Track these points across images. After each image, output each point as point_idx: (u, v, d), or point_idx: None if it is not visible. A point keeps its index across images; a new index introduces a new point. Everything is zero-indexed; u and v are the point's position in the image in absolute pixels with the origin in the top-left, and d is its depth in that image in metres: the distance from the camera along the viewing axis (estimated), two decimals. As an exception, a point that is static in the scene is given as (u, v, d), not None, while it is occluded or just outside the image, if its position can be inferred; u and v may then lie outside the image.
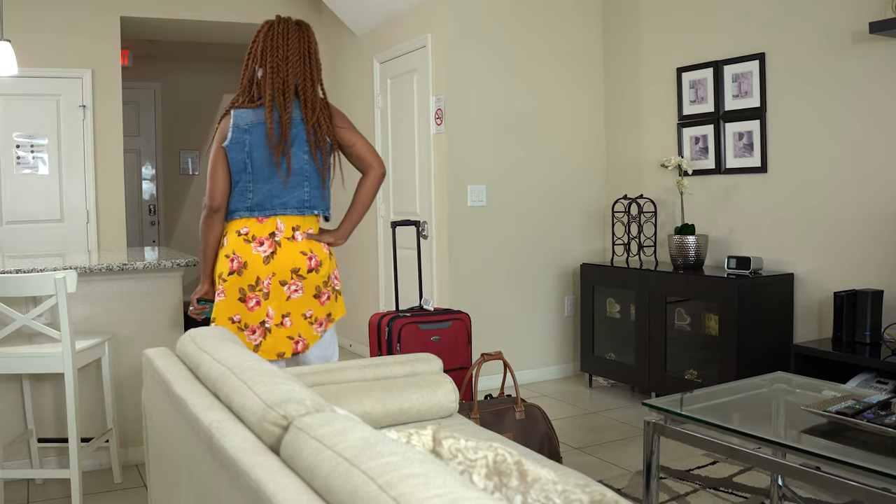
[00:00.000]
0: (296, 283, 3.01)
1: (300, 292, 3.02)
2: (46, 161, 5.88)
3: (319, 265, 3.05)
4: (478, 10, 5.06)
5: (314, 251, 3.05)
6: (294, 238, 3.02)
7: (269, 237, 3.00)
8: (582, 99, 5.46)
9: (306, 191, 3.02)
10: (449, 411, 2.70)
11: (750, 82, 4.44)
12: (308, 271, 3.02)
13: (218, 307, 3.02)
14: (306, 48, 3.04)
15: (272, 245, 3.00)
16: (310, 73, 3.03)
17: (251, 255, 2.98)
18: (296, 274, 3.01)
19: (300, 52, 3.02)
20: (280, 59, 2.98)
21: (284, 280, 3.00)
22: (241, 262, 2.98)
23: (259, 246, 2.99)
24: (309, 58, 3.04)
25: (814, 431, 2.33)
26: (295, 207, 3.02)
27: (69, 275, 3.04)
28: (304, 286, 3.02)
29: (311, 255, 3.03)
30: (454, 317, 4.01)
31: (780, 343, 4.15)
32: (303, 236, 3.04)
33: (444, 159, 5.03)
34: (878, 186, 3.83)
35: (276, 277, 2.99)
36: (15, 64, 4.60)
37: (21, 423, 3.54)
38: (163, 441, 2.10)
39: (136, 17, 6.15)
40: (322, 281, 3.06)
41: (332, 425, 1.34)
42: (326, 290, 3.08)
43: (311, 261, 3.03)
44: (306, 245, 3.03)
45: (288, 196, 3.00)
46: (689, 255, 4.50)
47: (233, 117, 3.02)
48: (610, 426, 4.26)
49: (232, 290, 2.99)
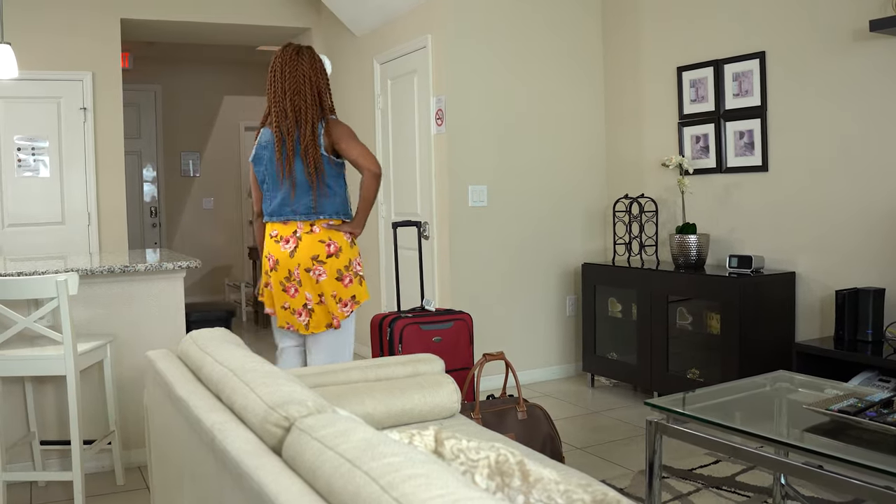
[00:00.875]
0: (318, 267, 3.44)
1: (324, 275, 3.44)
2: (47, 163, 5.89)
3: (339, 251, 3.47)
4: (477, 11, 5.06)
5: (333, 239, 3.47)
6: (313, 231, 3.46)
7: (293, 235, 3.47)
8: (582, 98, 5.46)
9: (311, 198, 3.46)
10: (451, 412, 2.70)
11: (750, 81, 4.43)
12: (328, 256, 3.45)
13: (274, 298, 3.56)
14: (304, 77, 3.44)
15: (294, 241, 3.46)
16: (303, 102, 3.42)
17: (280, 252, 3.48)
18: (316, 260, 3.44)
19: (295, 81, 3.43)
20: (280, 91, 3.43)
21: (308, 267, 3.44)
22: (275, 259, 3.50)
23: (285, 244, 3.47)
24: (304, 86, 3.43)
25: (816, 430, 2.33)
26: (304, 213, 3.46)
27: (71, 277, 3.04)
28: (326, 270, 3.44)
29: (330, 243, 3.46)
30: (456, 317, 4.01)
31: (782, 342, 4.15)
32: (321, 228, 3.46)
33: (444, 160, 5.03)
34: (879, 184, 3.83)
35: (302, 266, 3.44)
36: (15, 67, 4.60)
37: (23, 426, 3.54)
38: (165, 443, 2.10)
39: (137, 20, 6.16)
40: (343, 265, 3.48)
41: (333, 426, 1.34)
42: (348, 274, 3.49)
43: (330, 247, 3.46)
44: (325, 234, 3.47)
45: (297, 203, 3.46)
46: (691, 255, 4.50)
47: (260, 134, 3.57)
48: (612, 426, 4.26)
49: (276, 284, 3.52)
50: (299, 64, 3.46)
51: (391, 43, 5.67)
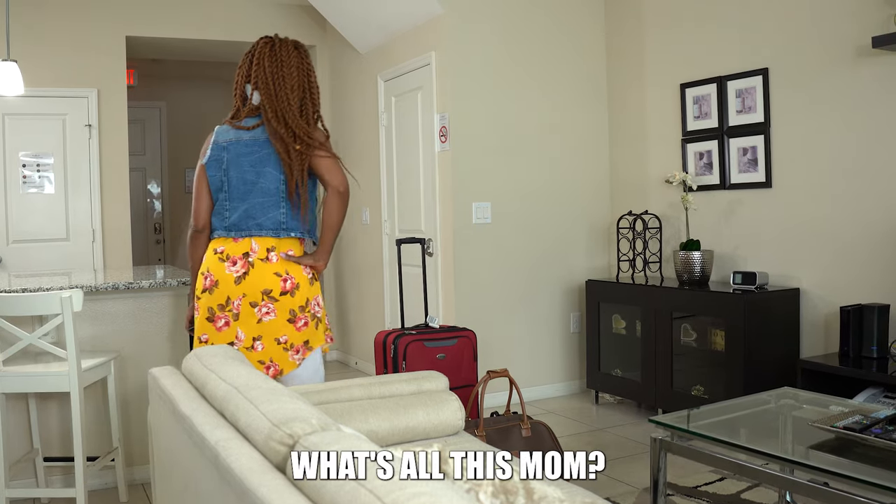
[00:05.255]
0: (267, 304, 2.89)
1: (272, 315, 2.90)
2: (52, 180, 5.91)
3: (296, 287, 2.93)
4: (481, 29, 5.08)
5: (291, 273, 2.93)
6: (268, 259, 2.92)
7: (243, 257, 2.92)
8: (586, 115, 5.48)
9: (283, 212, 2.93)
10: (455, 429, 2.69)
11: (754, 97, 4.44)
12: (281, 294, 2.91)
13: (196, 325, 2.99)
14: (304, 73, 2.99)
15: (245, 265, 2.91)
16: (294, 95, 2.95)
17: (223, 273, 2.91)
18: (267, 295, 2.90)
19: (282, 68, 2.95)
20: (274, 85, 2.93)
21: (255, 301, 2.89)
22: (214, 280, 2.93)
23: (232, 265, 2.92)
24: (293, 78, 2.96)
25: (821, 447, 2.32)
26: (270, 229, 2.93)
27: (75, 294, 3.04)
28: (276, 308, 2.90)
29: (287, 277, 2.92)
30: (460, 334, 4.01)
31: (787, 358, 4.14)
32: (279, 257, 2.93)
33: (448, 176, 5.04)
34: (884, 200, 3.83)
35: (247, 298, 2.89)
36: (21, 84, 4.63)
37: (27, 442, 3.54)
38: (169, 460, 2.10)
39: (142, 37, 6.20)
40: (298, 305, 2.93)
41: (338, 444, 1.34)
42: (304, 316, 2.94)
43: (287, 283, 2.91)
44: (282, 266, 2.92)
45: (263, 217, 2.92)
46: (695, 271, 4.50)
47: (214, 133, 3.01)
48: (616, 443, 4.24)
49: (203, 308, 2.95)
50: (288, 55, 2.98)
51: (395, 60, 5.70)
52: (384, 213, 5.97)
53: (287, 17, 6.65)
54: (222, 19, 6.39)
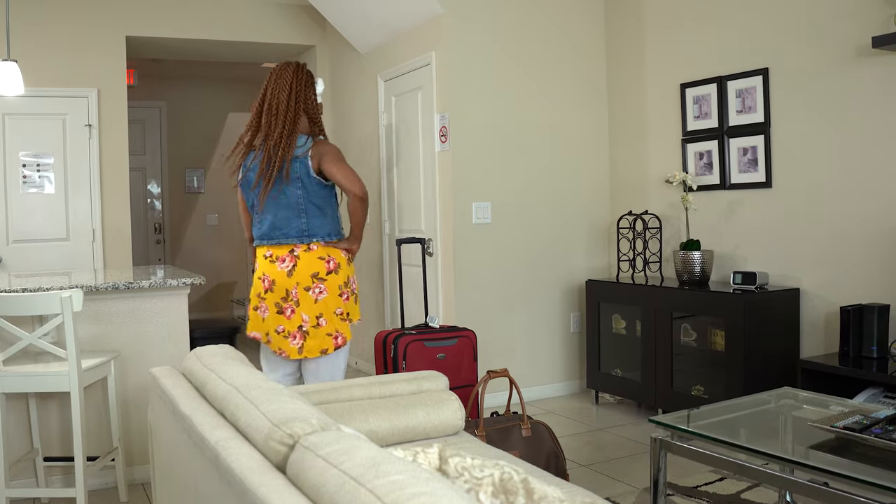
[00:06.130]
0: (318, 285, 3.37)
1: (325, 293, 3.38)
2: (52, 180, 5.91)
3: (338, 267, 3.43)
4: (481, 28, 5.08)
5: (332, 255, 3.42)
6: (311, 249, 3.40)
7: (289, 254, 3.40)
8: (586, 115, 5.48)
9: (303, 221, 3.40)
10: (455, 429, 2.69)
11: (754, 97, 4.45)
12: (328, 273, 3.39)
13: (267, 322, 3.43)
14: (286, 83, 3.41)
15: (292, 259, 3.39)
16: (281, 105, 3.38)
17: (276, 272, 3.39)
18: (316, 278, 3.37)
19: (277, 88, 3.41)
20: (273, 113, 3.39)
21: (308, 286, 3.36)
22: (271, 280, 3.40)
23: (281, 263, 3.39)
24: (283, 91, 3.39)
25: (821, 447, 2.32)
26: (295, 237, 3.40)
27: (75, 294, 3.04)
28: (327, 287, 3.38)
29: (329, 259, 3.41)
30: (460, 334, 4.01)
31: (787, 358, 4.14)
32: (318, 245, 3.41)
33: (448, 176, 5.04)
34: (884, 200, 3.83)
35: (301, 285, 3.37)
36: (21, 83, 4.63)
37: (27, 442, 3.54)
38: (169, 460, 2.10)
39: (142, 37, 6.19)
40: (343, 282, 3.43)
41: (338, 444, 1.34)
42: (346, 291, 3.45)
43: (330, 263, 3.40)
44: (324, 251, 3.41)
45: (287, 227, 3.41)
46: (695, 271, 4.50)
47: (248, 157, 3.51)
48: (617, 443, 4.24)
49: (271, 306, 3.41)
50: (284, 73, 3.44)
51: (395, 60, 5.70)
52: (384, 213, 5.97)
53: (287, 17, 6.65)
54: (222, 19, 6.39)
